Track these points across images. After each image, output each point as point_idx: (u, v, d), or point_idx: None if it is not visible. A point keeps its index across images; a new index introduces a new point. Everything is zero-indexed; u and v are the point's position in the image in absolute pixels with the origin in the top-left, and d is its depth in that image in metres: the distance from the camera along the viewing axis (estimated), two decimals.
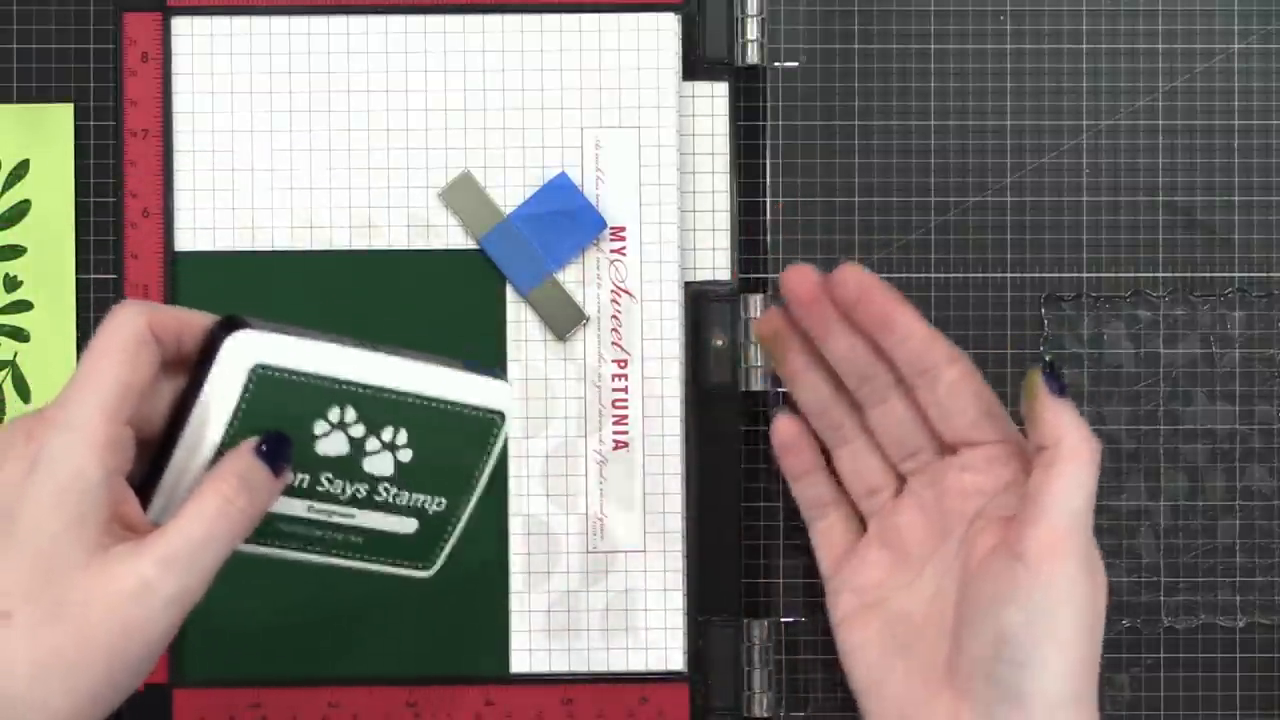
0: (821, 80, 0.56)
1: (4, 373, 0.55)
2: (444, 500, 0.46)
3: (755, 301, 0.55)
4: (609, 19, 0.55)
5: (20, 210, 0.55)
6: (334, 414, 0.43)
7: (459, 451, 0.45)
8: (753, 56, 0.55)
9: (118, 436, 0.40)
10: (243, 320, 0.42)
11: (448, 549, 0.47)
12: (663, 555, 0.55)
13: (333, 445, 0.43)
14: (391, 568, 0.47)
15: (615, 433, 0.55)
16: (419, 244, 0.55)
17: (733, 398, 0.55)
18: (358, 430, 0.44)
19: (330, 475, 0.44)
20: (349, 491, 0.44)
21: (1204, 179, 0.56)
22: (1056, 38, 0.56)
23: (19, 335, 0.55)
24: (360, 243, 0.55)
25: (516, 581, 0.55)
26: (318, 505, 0.44)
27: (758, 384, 0.56)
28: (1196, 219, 0.56)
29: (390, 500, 0.45)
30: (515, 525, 0.55)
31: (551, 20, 0.55)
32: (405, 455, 0.45)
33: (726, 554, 0.55)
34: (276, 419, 0.42)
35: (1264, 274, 0.56)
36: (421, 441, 0.45)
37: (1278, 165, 0.56)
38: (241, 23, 0.55)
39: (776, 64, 0.56)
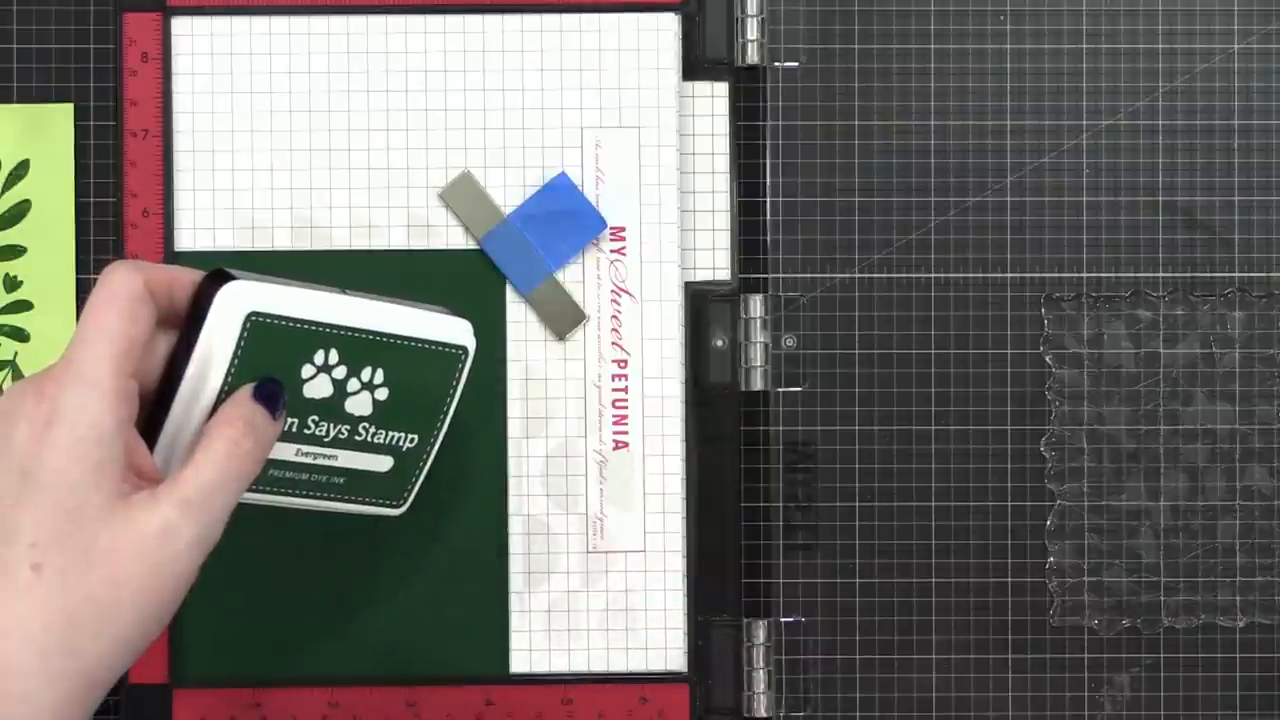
0: (821, 80, 0.56)
1: (4, 373, 0.55)
2: (415, 437, 0.49)
3: (755, 301, 0.56)
4: (609, 19, 0.55)
5: (20, 210, 0.55)
6: (319, 357, 0.45)
7: (428, 388, 0.48)
8: (753, 56, 0.55)
9: (126, 388, 0.40)
10: (229, 272, 0.43)
11: (417, 486, 0.50)
12: (663, 555, 0.55)
13: (318, 388, 0.45)
14: (368, 507, 0.49)
15: (615, 433, 0.55)
16: (419, 244, 0.55)
17: (733, 398, 0.55)
18: (340, 372, 0.46)
19: (316, 418, 0.46)
20: (332, 433, 0.46)
21: (1204, 179, 0.56)
22: (1056, 38, 0.56)
23: (19, 335, 0.55)
24: (360, 243, 0.55)
25: (516, 581, 0.55)
26: (305, 448, 0.46)
27: (758, 384, 0.56)
28: (1196, 219, 0.56)
29: (369, 440, 0.47)
30: (515, 525, 0.55)
31: (551, 20, 0.55)
32: (382, 394, 0.47)
33: (726, 554, 0.55)
34: (269, 365, 0.44)
35: (1264, 274, 0.56)
36: (396, 380, 0.47)
37: (1278, 165, 0.56)
38: (241, 23, 0.55)
39: (776, 64, 0.56)
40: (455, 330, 0.48)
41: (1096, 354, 0.56)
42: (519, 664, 0.55)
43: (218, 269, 0.43)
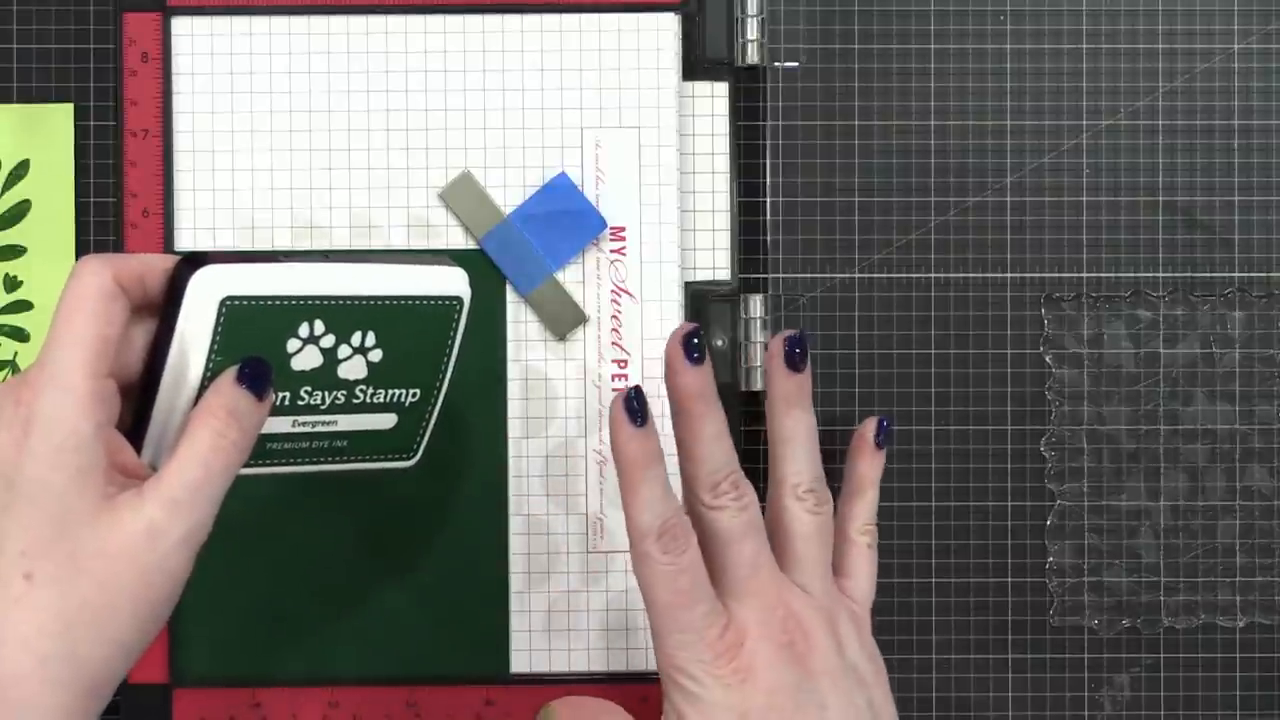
0: (821, 80, 0.56)
1: (4, 373, 0.55)
2: (418, 390, 0.48)
3: (755, 301, 0.55)
4: (609, 19, 0.55)
5: (20, 210, 0.55)
6: (304, 330, 0.44)
7: (425, 341, 0.47)
8: (753, 56, 0.55)
9: (101, 390, 0.40)
10: (202, 256, 0.42)
11: (426, 437, 0.49)
12: None
13: (307, 360, 0.45)
14: (377, 463, 0.48)
15: None
16: (419, 244, 0.55)
17: (733, 398, 0.55)
18: (328, 341, 0.45)
19: (309, 388, 0.45)
20: (328, 400, 0.46)
21: (1204, 179, 0.56)
22: (1056, 38, 0.56)
23: (19, 335, 0.55)
24: (360, 243, 0.55)
25: (516, 581, 0.55)
26: (301, 419, 0.46)
27: (758, 384, 0.55)
28: (1196, 219, 0.56)
29: (368, 400, 0.47)
30: (515, 525, 0.55)
31: (551, 20, 0.55)
32: (375, 355, 0.46)
33: None
34: (251, 345, 0.43)
35: (1264, 274, 0.56)
36: (389, 339, 0.46)
37: (1278, 165, 0.56)
38: (241, 23, 0.55)
39: (776, 64, 0.56)
40: (448, 282, 0.47)
41: (1096, 354, 0.56)
42: (519, 664, 0.55)
43: (190, 254, 0.43)
